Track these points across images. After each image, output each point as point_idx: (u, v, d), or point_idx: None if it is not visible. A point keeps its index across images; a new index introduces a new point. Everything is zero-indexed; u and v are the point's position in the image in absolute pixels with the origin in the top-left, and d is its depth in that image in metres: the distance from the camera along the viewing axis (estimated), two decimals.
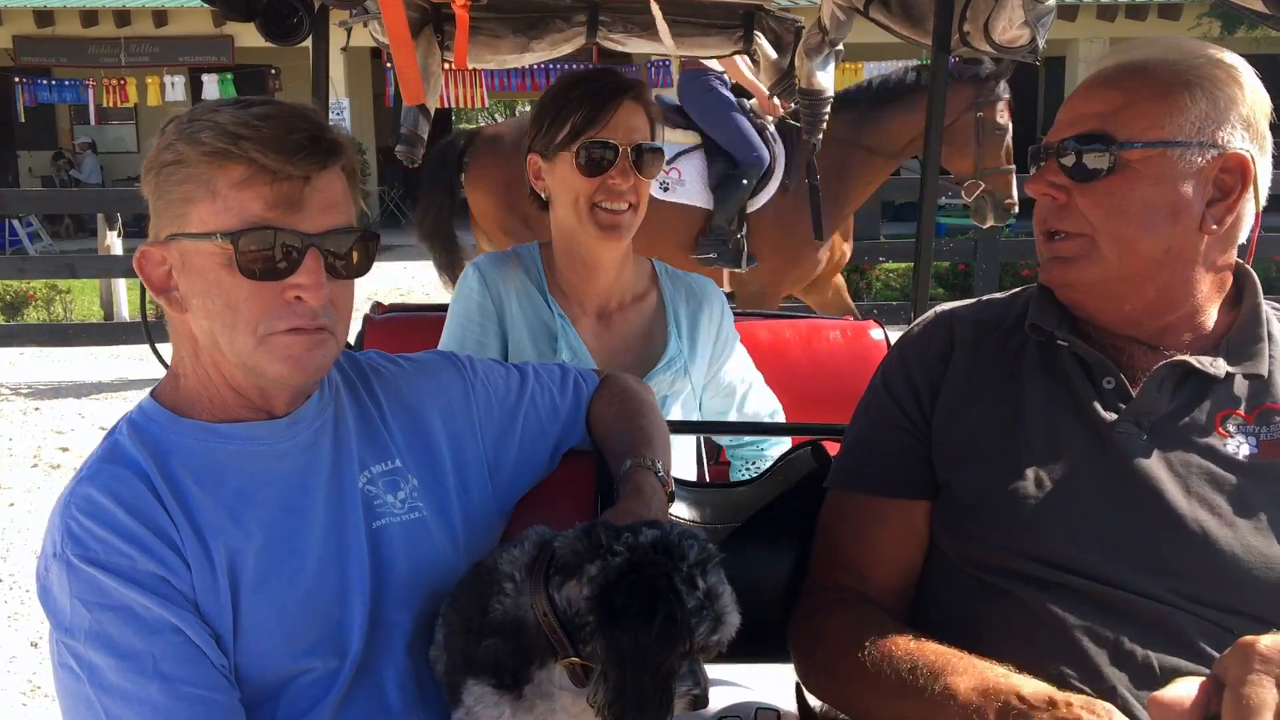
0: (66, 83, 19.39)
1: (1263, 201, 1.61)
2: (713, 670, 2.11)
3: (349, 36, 3.34)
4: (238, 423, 1.53)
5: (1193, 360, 1.58)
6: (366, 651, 1.54)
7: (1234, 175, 1.57)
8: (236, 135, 1.39)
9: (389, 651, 1.57)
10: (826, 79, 3.42)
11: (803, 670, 1.73)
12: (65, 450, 7.29)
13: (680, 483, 2.01)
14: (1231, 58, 1.59)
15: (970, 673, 1.42)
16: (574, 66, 2.89)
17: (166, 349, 1.68)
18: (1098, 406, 1.60)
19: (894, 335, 3.20)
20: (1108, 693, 1.44)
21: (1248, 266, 1.69)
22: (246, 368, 1.47)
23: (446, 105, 17.97)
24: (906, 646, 1.50)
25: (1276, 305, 1.70)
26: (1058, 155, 1.61)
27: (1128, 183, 1.56)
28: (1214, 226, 1.58)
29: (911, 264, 3.31)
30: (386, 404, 1.69)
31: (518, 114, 24.06)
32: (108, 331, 10.40)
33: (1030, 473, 1.59)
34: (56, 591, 1.40)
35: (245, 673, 1.46)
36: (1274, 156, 1.63)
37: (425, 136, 3.52)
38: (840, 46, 3.33)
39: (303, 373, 1.49)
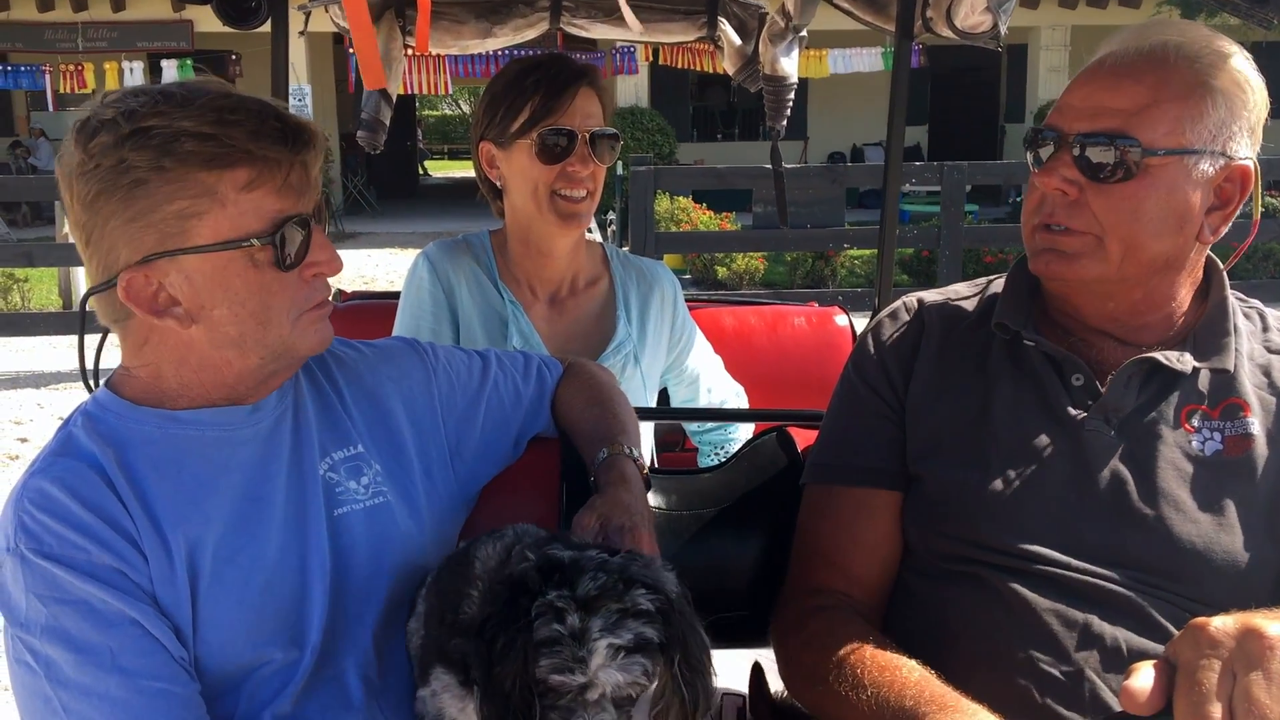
0: (23, 68, 19.01)
1: (1260, 209, 1.60)
2: None
3: (308, 21, 3.29)
4: (199, 409, 1.50)
5: (1160, 357, 1.58)
6: (327, 642, 1.52)
7: (1234, 184, 1.56)
8: (222, 137, 1.35)
9: (350, 642, 1.55)
10: (790, 65, 3.39)
11: (786, 675, 1.71)
12: (24, 441, 7.21)
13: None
14: (1241, 53, 1.55)
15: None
16: (539, 52, 2.86)
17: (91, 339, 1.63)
18: (1066, 403, 1.60)
19: (857, 321, 3.23)
20: (1075, 675, 1.45)
21: (1214, 258, 1.68)
22: (274, 354, 1.49)
23: (410, 91, 17.83)
24: (888, 677, 1.46)
25: (1242, 297, 1.69)
26: (1072, 149, 1.55)
27: (1145, 188, 1.52)
28: (1209, 235, 1.57)
29: (876, 250, 3.32)
30: (348, 390, 1.68)
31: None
32: (67, 320, 10.20)
33: (998, 469, 1.59)
34: (11, 586, 1.38)
35: (205, 664, 1.44)
36: None
37: (387, 122, 3.47)
38: (804, 33, 3.32)
39: (326, 342, 1.55)
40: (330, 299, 1.53)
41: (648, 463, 2.57)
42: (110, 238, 1.38)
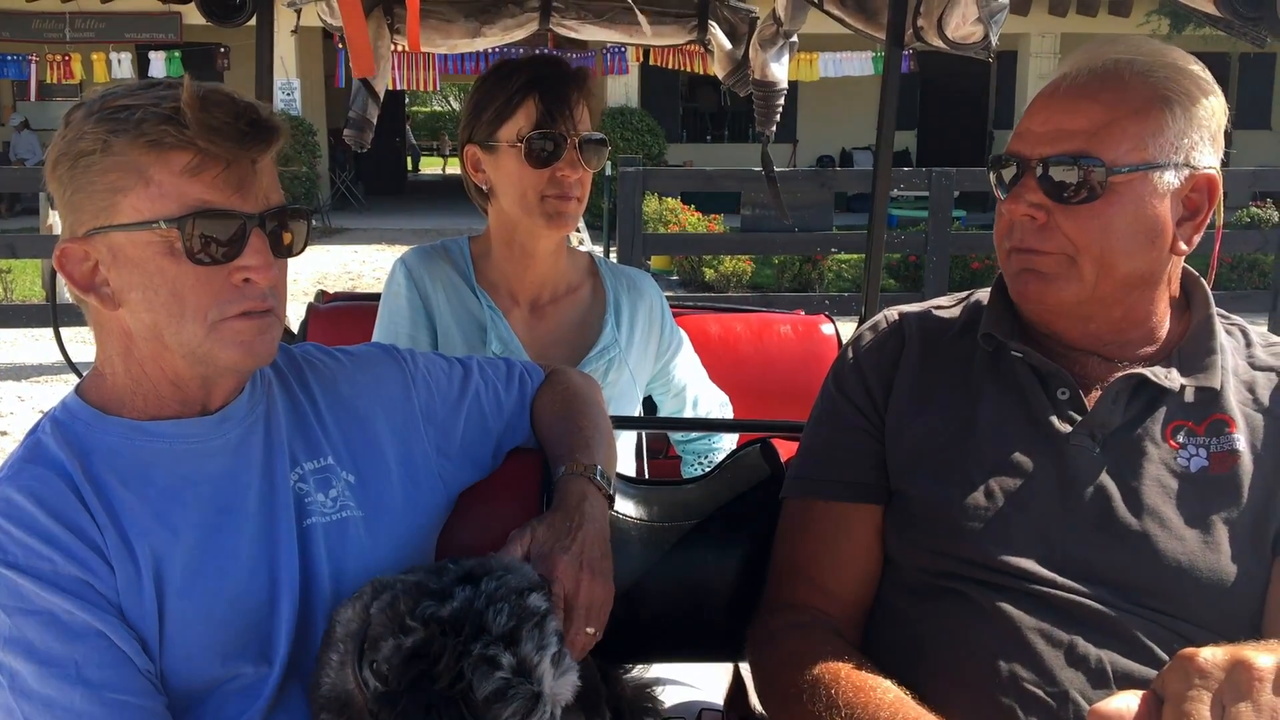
0: (9, 58, 18.91)
1: (1222, 217, 1.60)
2: (657, 669, 2.11)
3: (299, 17, 3.26)
4: (166, 420, 1.48)
5: (1148, 373, 1.57)
6: (295, 656, 1.50)
7: (1202, 194, 1.56)
8: (176, 121, 1.33)
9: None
10: (780, 70, 3.38)
11: (761, 693, 1.69)
12: (4, 434, 7.15)
13: (626, 479, 1.99)
14: (1196, 64, 1.57)
15: None
16: (534, 51, 2.87)
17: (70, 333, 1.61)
18: (1052, 418, 1.59)
19: (844, 326, 3.22)
20: (1060, 696, 1.44)
21: (1195, 274, 1.68)
22: (195, 357, 1.43)
23: (398, 88, 17.77)
24: (862, 698, 1.44)
25: (1224, 314, 1.69)
26: (1036, 173, 1.56)
27: (1112, 206, 1.52)
28: (1183, 246, 1.57)
29: (863, 255, 3.31)
30: (322, 399, 1.65)
31: None
32: (49, 313, 10.15)
33: (981, 484, 1.57)
34: None
35: (171, 678, 1.42)
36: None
37: (374, 120, 3.44)
38: (795, 38, 3.31)
39: (255, 358, 1.46)
40: (274, 311, 1.46)
41: (631, 472, 2.56)
42: (66, 209, 1.40)
